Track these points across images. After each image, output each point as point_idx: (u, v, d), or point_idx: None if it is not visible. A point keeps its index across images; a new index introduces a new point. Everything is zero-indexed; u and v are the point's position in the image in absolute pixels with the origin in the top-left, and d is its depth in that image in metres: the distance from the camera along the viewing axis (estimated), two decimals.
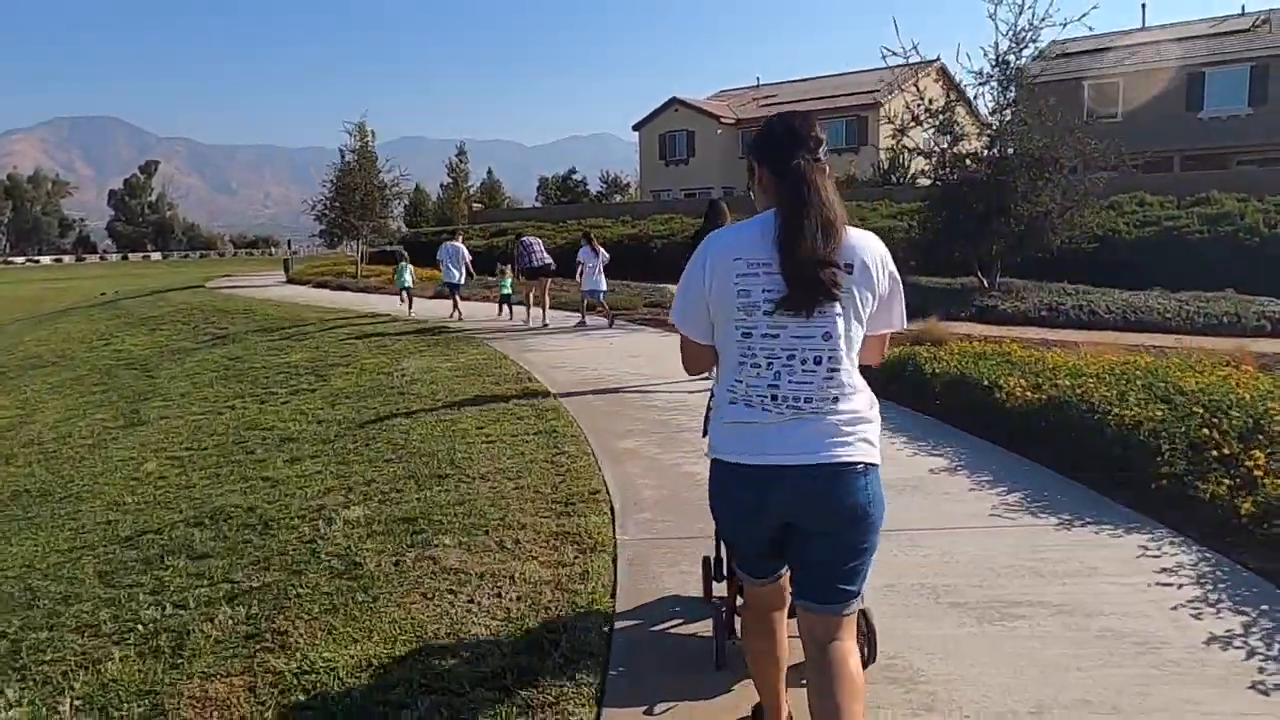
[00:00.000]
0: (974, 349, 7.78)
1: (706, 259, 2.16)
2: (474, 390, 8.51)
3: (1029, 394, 5.93)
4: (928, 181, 16.79)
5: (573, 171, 59.38)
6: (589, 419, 7.07)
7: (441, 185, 61.03)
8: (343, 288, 25.11)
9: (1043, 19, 14.28)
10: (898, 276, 2.22)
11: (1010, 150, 14.22)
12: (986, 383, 6.36)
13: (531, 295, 14.35)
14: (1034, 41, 14.45)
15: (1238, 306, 12.29)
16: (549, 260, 14.08)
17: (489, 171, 70.25)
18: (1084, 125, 14.57)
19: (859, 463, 2.11)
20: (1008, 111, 14.50)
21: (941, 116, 14.67)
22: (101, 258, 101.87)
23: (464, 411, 7.52)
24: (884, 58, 14.80)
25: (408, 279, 17.97)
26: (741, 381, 2.15)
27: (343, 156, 28.42)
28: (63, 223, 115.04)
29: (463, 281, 16.09)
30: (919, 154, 15.95)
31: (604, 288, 13.97)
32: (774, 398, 2.10)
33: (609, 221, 31.02)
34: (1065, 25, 14.33)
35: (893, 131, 15.75)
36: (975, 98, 15.23)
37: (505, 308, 15.54)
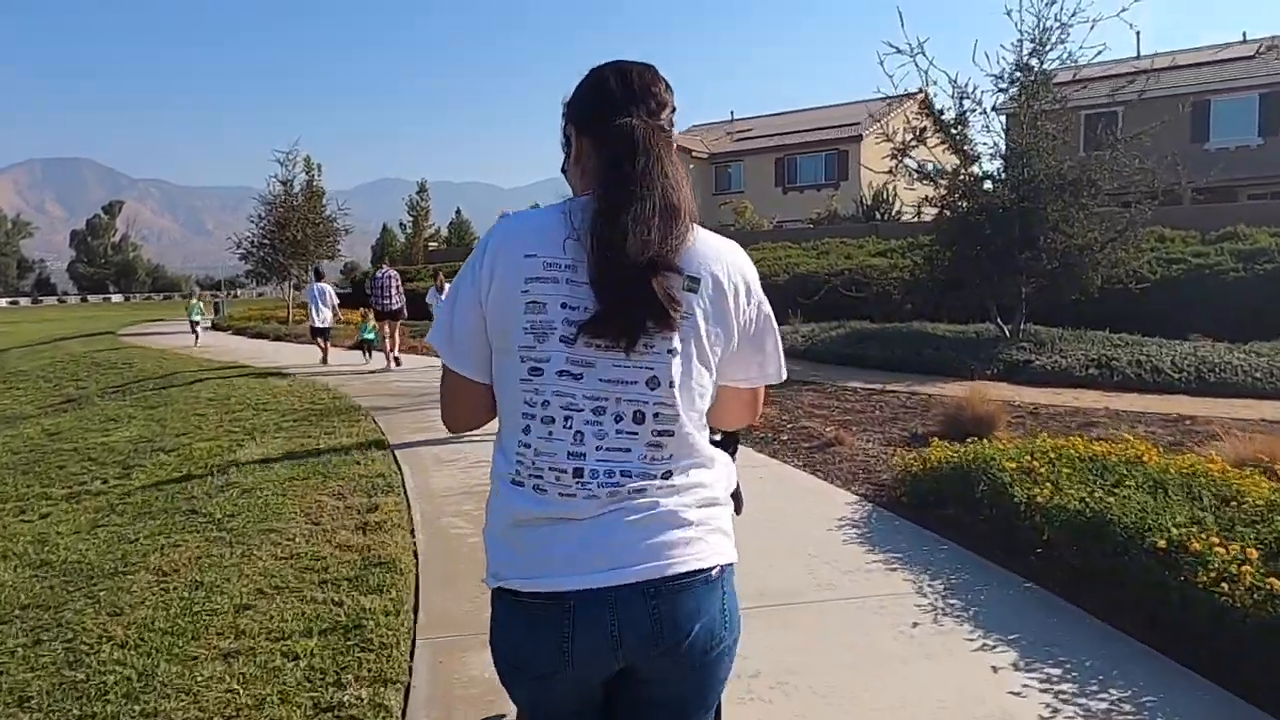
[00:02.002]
0: (1075, 449, 4.96)
1: (486, 253, 1.43)
2: (302, 536, 5.56)
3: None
4: (915, 215, 14.14)
5: (536, 207, 56.60)
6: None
7: (401, 224, 58.38)
8: (260, 335, 22.13)
9: (1073, 14, 11.74)
10: (769, 310, 1.52)
11: (1038, 171, 11.60)
12: (1162, 542, 3.50)
13: (392, 335, 13.99)
14: (1062, 41, 11.94)
15: None
16: (399, 302, 13.95)
17: (457, 211, 67.94)
18: (1123, 140, 12.00)
19: (712, 567, 1.41)
20: (1034, 123, 11.90)
21: (955, 131, 12.06)
22: (60, 299, 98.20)
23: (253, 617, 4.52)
24: (880, 62, 12.19)
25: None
26: (529, 449, 1.39)
27: (288, 188, 25.67)
28: (21, 264, 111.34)
29: (330, 324, 15.63)
30: (923, 177, 13.36)
31: None
32: (576, 472, 1.37)
33: None
34: (1094, 24, 11.77)
35: (890, 152, 13.20)
36: (984, 112, 12.56)
37: (367, 352, 15.04)
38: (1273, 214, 18.66)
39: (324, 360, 15.00)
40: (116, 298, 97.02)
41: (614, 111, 1.45)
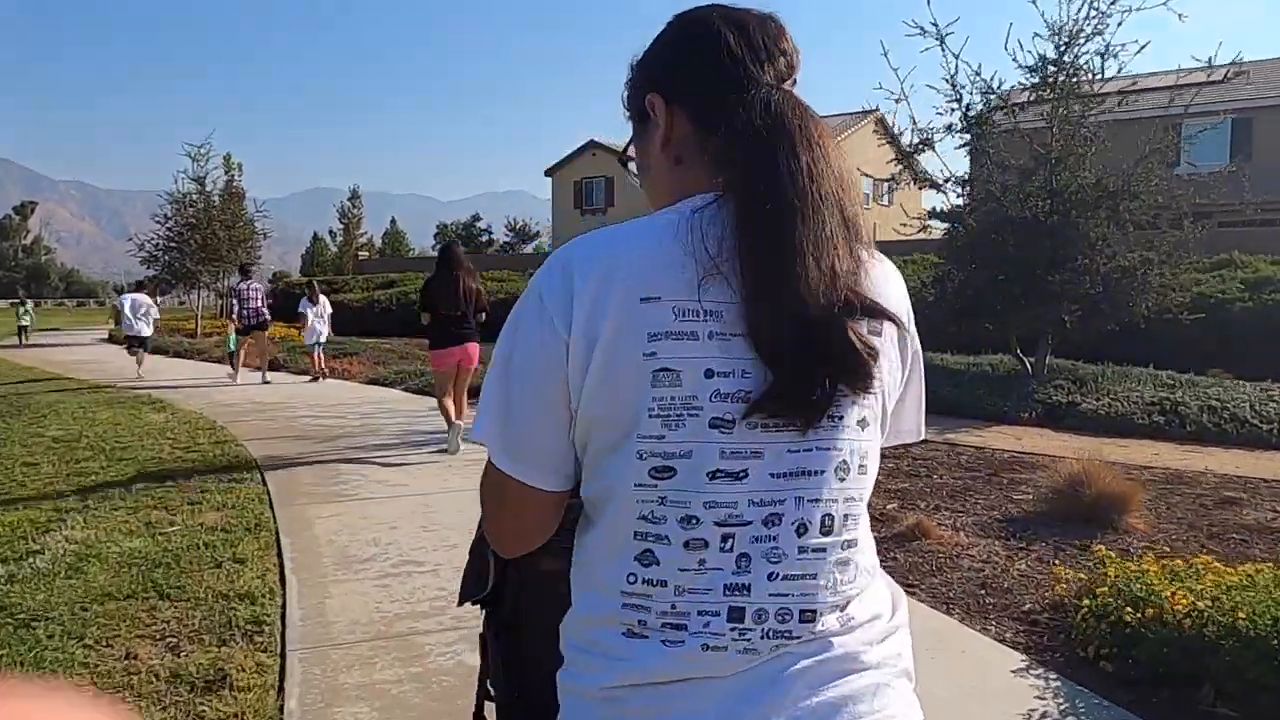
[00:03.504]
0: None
1: (574, 293, 0.93)
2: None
3: None
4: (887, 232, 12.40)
5: (477, 218, 54.34)
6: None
7: (331, 232, 55.49)
8: (158, 351, 19.43)
9: (1112, 1, 10.10)
10: (919, 345, 1.10)
11: (1069, 182, 9.91)
12: None
13: (245, 350, 13.40)
14: (1101, 33, 10.30)
15: None
16: (265, 314, 13.37)
17: (392, 221, 65.29)
18: (1156, 153, 10.40)
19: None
20: (1070, 128, 10.22)
21: (978, 130, 10.31)
22: None
23: None
24: (885, 53, 10.38)
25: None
26: (657, 585, 0.93)
27: (201, 186, 23.09)
28: None
29: (148, 334, 15.15)
30: (931, 186, 11.62)
31: (323, 340, 13.48)
32: (734, 615, 0.93)
33: (515, 274, 26.37)
34: (1134, 10, 10.17)
35: (895, 156, 11.46)
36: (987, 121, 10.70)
37: (233, 365, 13.82)
38: (1255, 240, 17.91)
39: (138, 373, 14.07)
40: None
41: (734, 73, 0.99)
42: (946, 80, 10.20)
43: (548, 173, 42.50)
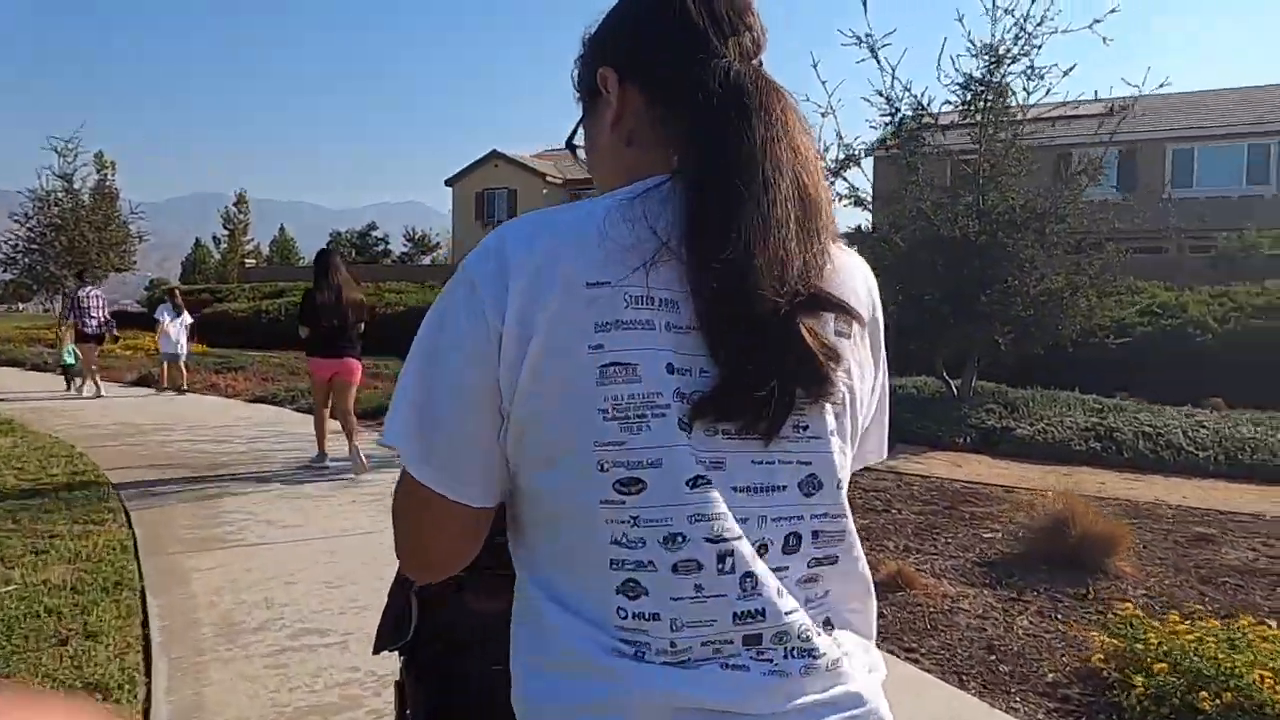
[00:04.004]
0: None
1: (505, 275, 0.84)
2: None
3: None
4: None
5: (372, 227, 52.39)
6: None
7: (216, 238, 52.74)
8: (13, 362, 17.65)
9: (1040, 21, 10.03)
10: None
11: (997, 203, 9.77)
12: None
13: (89, 363, 12.51)
14: (1028, 55, 10.22)
15: None
16: (104, 325, 12.64)
17: (281, 228, 62.54)
18: (1079, 175, 10.40)
19: None
20: (996, 143, 10.10)
21: (911, 146, 10.06)
22: None
23: None
24: (814, 64, 10.03)
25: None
26: (648, 618, 0.83)
27: (68, 184, 21.21)
28: None
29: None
30: (857, 204, 11.33)
31: (183, 351, 13.06)
32: (750, 641, 0.84)
33: (413, 286, 25.32)
34: (1065, 32, 10.15)
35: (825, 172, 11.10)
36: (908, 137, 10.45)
37: (70, 380, 13.11)
38: (1140, 266, 18.49)
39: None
40: None
41: (695, 46, 0.91)
42: (880, 93, 9.91)
43: (448, 183, 41.31)
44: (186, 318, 13.43)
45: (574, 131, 1.03)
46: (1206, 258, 20.35)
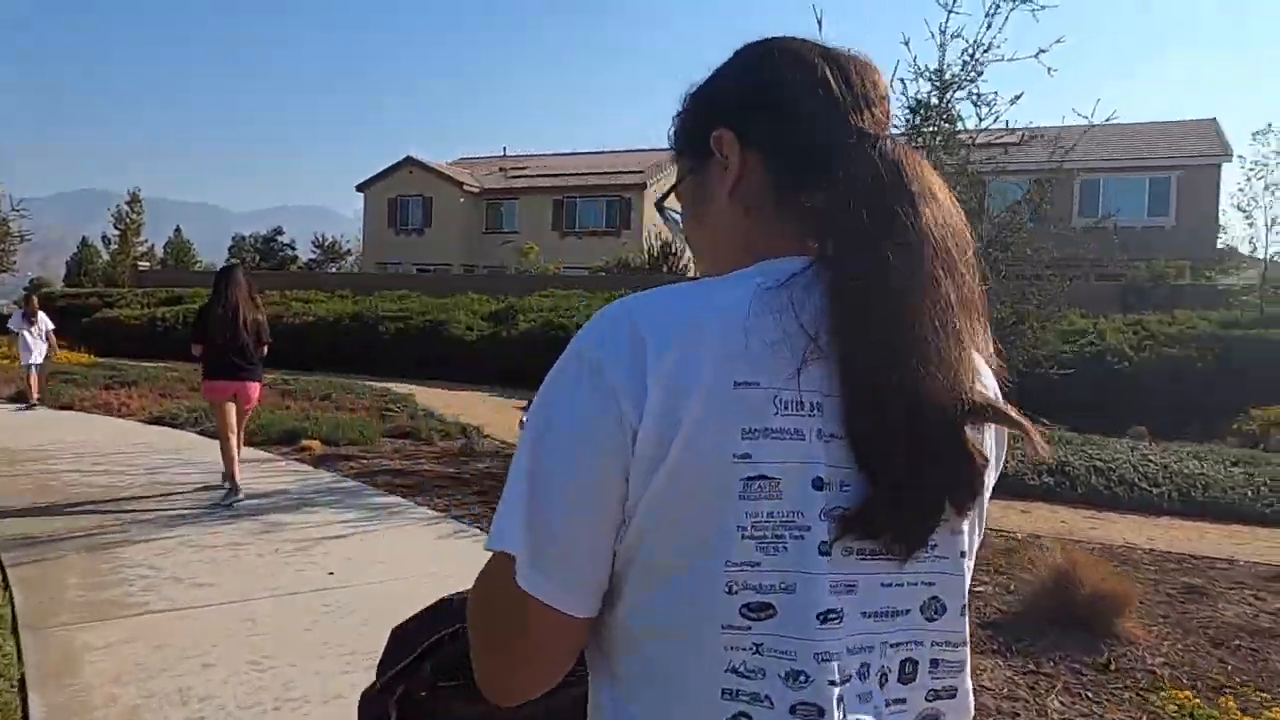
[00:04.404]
0: None
1: (644, 368, 0.75)
2: None
3: None
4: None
5: (279, 232, 50.32)
6: None
7: (105, 238, 49.85)
8: None
9: (987, 48, 9.93)
10: None
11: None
12: None
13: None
14: (971, 81, 10.11)
15: None
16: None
17: (177, 229, 59.57)
18: (1027, 203, 10.37)
19: None
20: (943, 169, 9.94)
21: None
22: None
23: None
24: None
25: None
26: None
27: None
28: None
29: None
30: None
31: (38, 360, 12.39)
32: None
33: (322, 295, 24.14)
34: (1010, 60, 10.09)
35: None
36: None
37: None
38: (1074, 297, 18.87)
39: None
40: None
41: (833, 115, 0.86)
42: None
43: (360, 188, 39.93)
44: (46, 323, 12.87)
45: (669, 192, 0.95)
46: (1116, 286, 20.94)
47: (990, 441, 0.83)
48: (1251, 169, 15.97)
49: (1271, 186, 15.90)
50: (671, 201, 0.97)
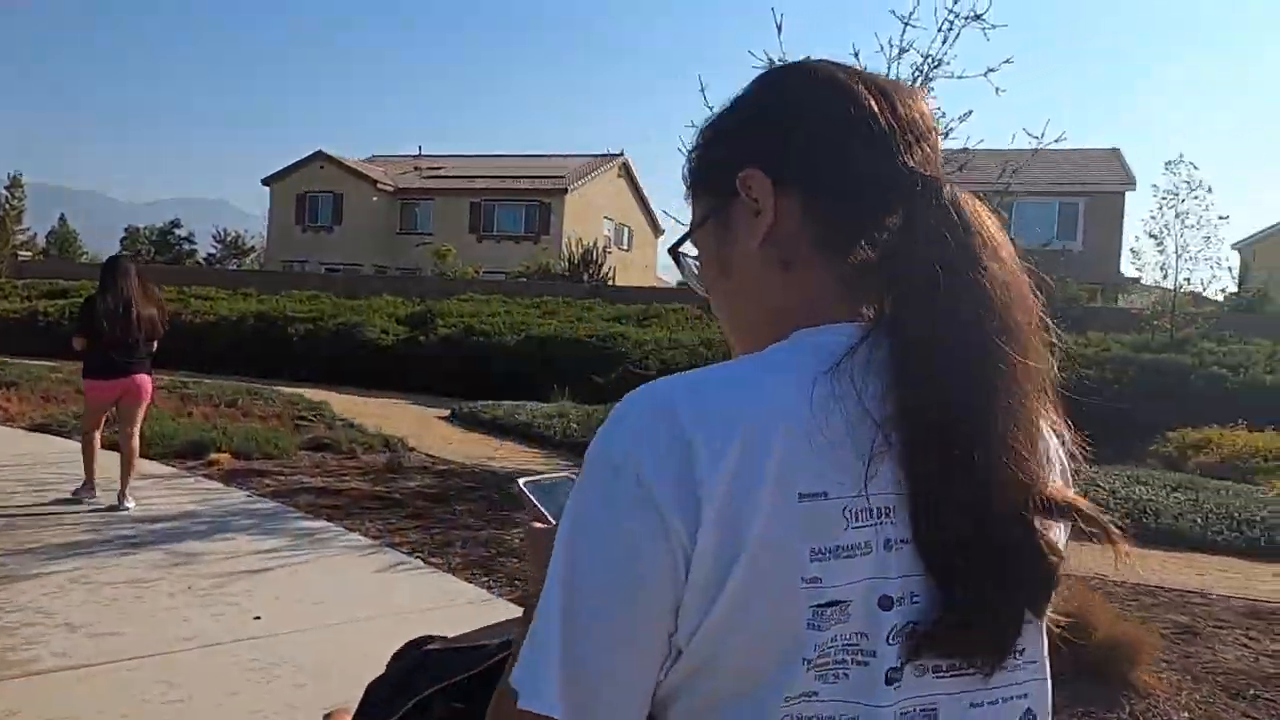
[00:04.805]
0: None
1: (693, 475, 0.65)
2: None
3: None
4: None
5: (176, 224, 47.77)
6: None
7: None
8: None
9: (937, 64, 9.82)
10: None
11: None
12: None
13: None
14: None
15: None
16: None
17: (61, 218, 56.22)
18: None
19: None
20: None
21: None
22: None
23: None
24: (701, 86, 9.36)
25: None
26: None
27: None
28: None
29: None
30: None
31: None
32: None
33: (224, 293, 22.87)
34: (959, 78, 10.02)
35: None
36: None
37: None
38: None
39: None
40: None
41: (884, 157, 0.75)
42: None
43: (266, 182, 38.27)
44: None
45: (684, 238, 0.84)
46: None
47: (1064, 535, 0.76)
48: (1163, 198, 16.40)
49: (1181, 215, 16.32)
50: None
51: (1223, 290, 22.08)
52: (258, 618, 4.11)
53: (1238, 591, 5.73)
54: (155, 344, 6.38)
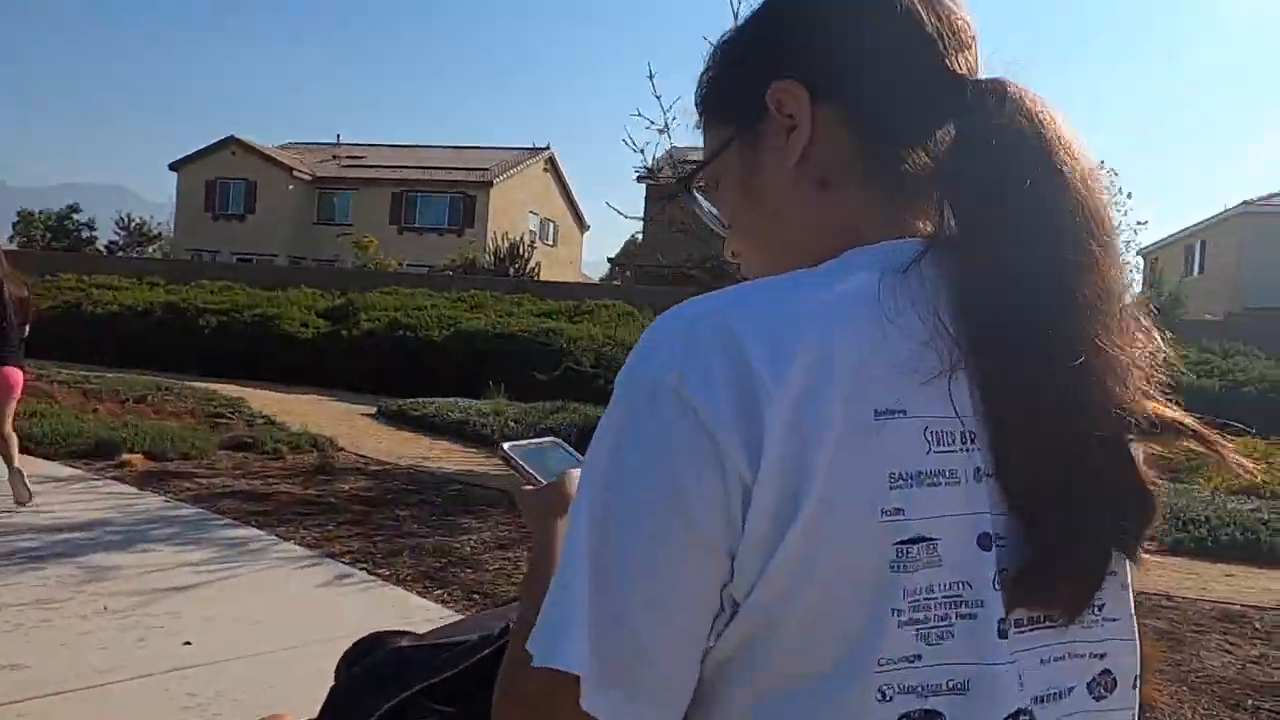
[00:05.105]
0: None
1: (754, 399, 0.56)
2: None
3: None
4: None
5: (75, 209, 45.25)
6: None
7: None
8: None
9: None
10: None
11: None
12: None
13: None
14: None
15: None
16: None
17: None
18: None
19: None
20: None
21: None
22: None
23: None
24: (628, 142, 9.11)
25: None
26: None
27: None
28: None
29: None
30: (680, 231, 10.55)
31: None
32: None
33: (127, 282, 21.67)
34: None
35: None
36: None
37: None
38: None
39: None
40: None
41: (933, 62, 0.68)
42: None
43: (174, 167, 36.56)
44: None
45: (701, 167, 0.77)
46: None
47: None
48: None
49: None
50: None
51: (1136, 295, 22.85)
52: (188, 643, 3.64)
53: (1201, 595, 5.71)
54: (27, 329, 5.87)
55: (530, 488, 0.90)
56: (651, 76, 10.03)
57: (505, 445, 0.96)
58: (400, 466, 8.30)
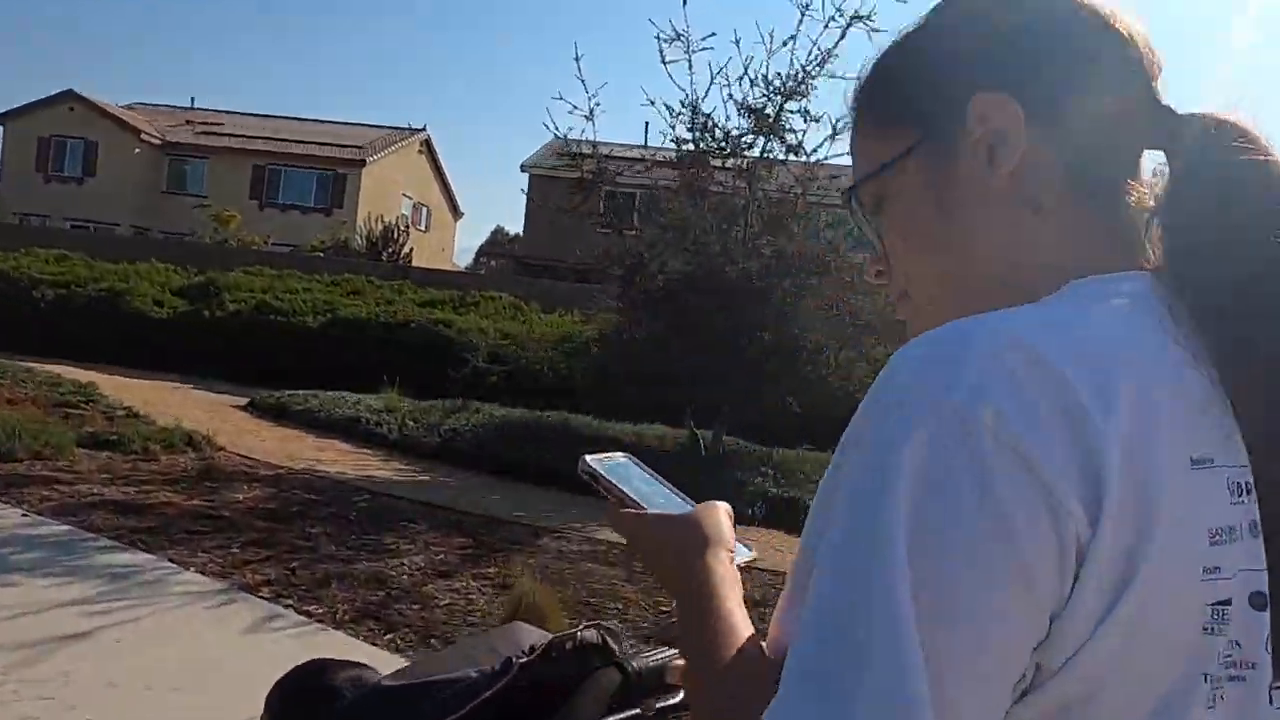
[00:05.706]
0: None
1: (1088, 441, 0.50)
2: None
3: None
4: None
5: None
6: None
7: None
8: None
9: (821, 61, 9.50)
10: None
11: (784, 244, 9.17)
12: None
13: None
14: (804, 95, 9.68)
15: None
16: None
17: None
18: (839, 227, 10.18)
19: None
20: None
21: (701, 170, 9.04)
22: None
23: None
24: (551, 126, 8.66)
25: None
26: None
27: None
28: None
29: None
30: (606, 227, 10.11)
31: None
32: None
33: None
34: (841, 78, 9.80)
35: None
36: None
37: None
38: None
39: None
40: None
41: (1146, 83, 0.66)
42: (685, 105, 8.72)
43: (1, 119, 32.93)
44: None
45: (872, 175, 0.69)
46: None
47: None
48: None
49: None
50: None
51: None
52: None
53: None
54: None
55: (630, 510, 0.81)
56: (578, 58, 9.60)
57: (588, 459, 0.85)
58: (295, 471, 7.41)
